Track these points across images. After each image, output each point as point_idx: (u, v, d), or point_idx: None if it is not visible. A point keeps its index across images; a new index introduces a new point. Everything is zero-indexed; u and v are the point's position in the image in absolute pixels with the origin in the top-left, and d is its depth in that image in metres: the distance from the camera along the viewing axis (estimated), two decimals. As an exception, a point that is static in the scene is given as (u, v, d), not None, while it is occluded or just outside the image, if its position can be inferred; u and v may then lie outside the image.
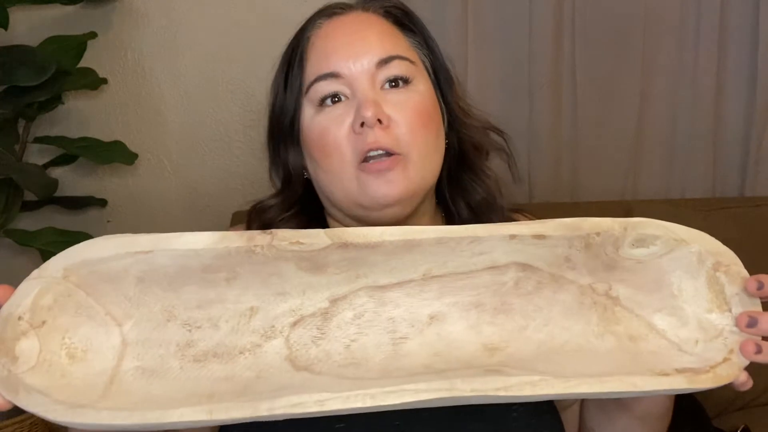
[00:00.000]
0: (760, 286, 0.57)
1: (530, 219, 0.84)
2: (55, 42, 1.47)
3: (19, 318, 0.53)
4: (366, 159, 0.68)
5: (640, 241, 0.61)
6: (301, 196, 0.78)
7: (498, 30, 1.64)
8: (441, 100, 0.76)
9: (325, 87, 0.71)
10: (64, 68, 1.43)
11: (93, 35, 1.51)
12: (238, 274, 0.59)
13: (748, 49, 1.68)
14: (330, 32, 0.73)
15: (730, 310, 0.58)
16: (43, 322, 0.54)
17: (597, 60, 1.67)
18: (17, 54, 1.37)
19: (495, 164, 0.83)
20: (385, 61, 0.70)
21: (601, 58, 1.67)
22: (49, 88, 1.39)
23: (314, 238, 0.59)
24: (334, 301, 0.62)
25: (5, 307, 0.53)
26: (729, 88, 1.70)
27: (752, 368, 0.57)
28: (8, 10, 1.43)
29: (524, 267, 0.63)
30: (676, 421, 0.78)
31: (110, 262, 0.56)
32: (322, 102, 0.71)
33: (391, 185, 0.68)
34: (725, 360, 0.56)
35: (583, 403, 0.79)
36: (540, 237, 0.61)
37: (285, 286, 0.61)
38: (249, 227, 0.79)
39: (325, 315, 0.61)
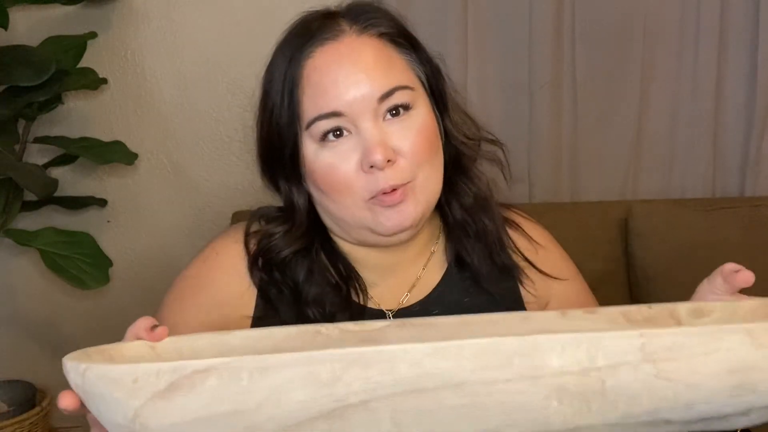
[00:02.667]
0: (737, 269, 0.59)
1: (522, 217, 0.85)
2: (55, 42, 1.47)
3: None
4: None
5: (698, 311, 0.62)
6: (307, 227, 0.77)
7: (498, 30, 1.64)
8: (438, 114, 0.76)
9: (327, 125, 0.70)
10: (63, 68, 1.43)
11: (93, 35, 1.51)
12: None
13: (748, 49, 1.68)
14: (325, 64, 0.70)
15: None
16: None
17: (597, 60, 1.67)
18: (17, 54, 1.37)
19: (491, 164, 0.83)
20: (387, 95, 0.69)
21: (601, 58, 1.67)
22: (48, 88, 1.39)
23: (376, 322, 0.64)
24: None
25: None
26: (729, 88, 1.70)
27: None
28: (8, 10, 1.44)
29: None
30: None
31: (193, 343, 0.60)
32: (324, 137, 0.70)
33: (404, 215, 0.70)
34: None
35: None
36: (590, 312, 0.63)
37: None
38: (248, 228, 0.79)
39: None
